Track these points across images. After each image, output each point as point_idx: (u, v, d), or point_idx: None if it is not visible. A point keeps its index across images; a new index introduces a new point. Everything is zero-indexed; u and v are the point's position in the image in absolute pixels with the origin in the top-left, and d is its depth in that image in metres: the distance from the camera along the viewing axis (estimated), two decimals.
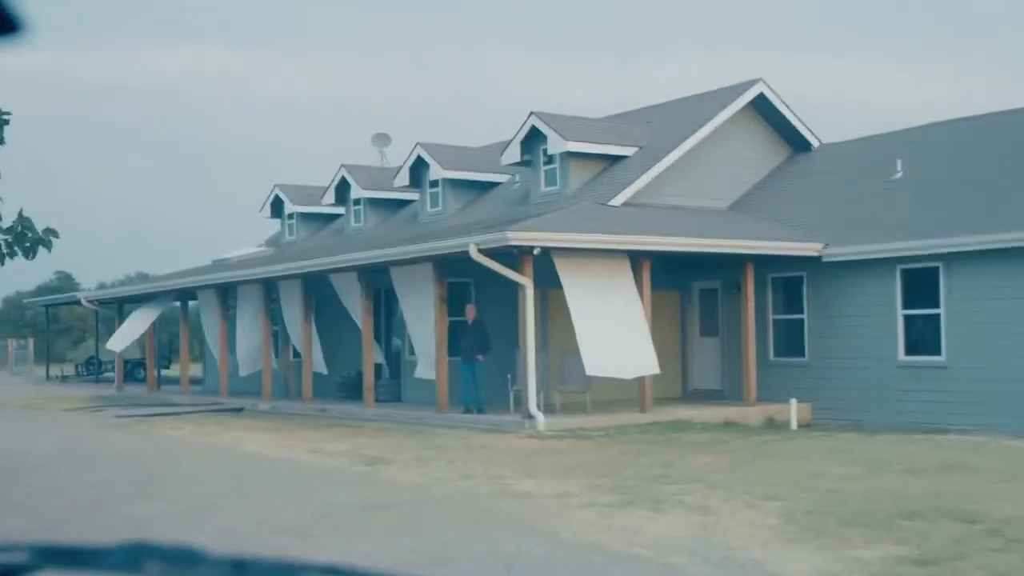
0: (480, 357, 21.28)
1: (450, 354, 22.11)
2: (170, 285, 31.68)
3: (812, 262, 22.14)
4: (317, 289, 26.54)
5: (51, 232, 12.75)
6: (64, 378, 47.22)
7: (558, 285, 20.00)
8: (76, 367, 49.66)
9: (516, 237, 18.48)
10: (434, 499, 12.10)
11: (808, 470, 13.85)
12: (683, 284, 25.47)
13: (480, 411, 21.01)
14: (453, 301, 23.01)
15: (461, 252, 19.23)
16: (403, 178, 29.81)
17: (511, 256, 19.36)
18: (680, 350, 25.51)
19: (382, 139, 37.98)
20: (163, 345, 42.17)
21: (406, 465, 15.00)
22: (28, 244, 12.66)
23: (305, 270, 24.69)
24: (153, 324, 33.73)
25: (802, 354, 22.85)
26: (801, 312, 22.91)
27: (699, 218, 23.48)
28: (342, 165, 32.32)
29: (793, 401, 20.78)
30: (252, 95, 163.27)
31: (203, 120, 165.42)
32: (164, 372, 39.92)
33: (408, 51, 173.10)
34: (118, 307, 35.75)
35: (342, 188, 32.43)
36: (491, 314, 23.01)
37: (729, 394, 23.83)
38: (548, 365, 21.93)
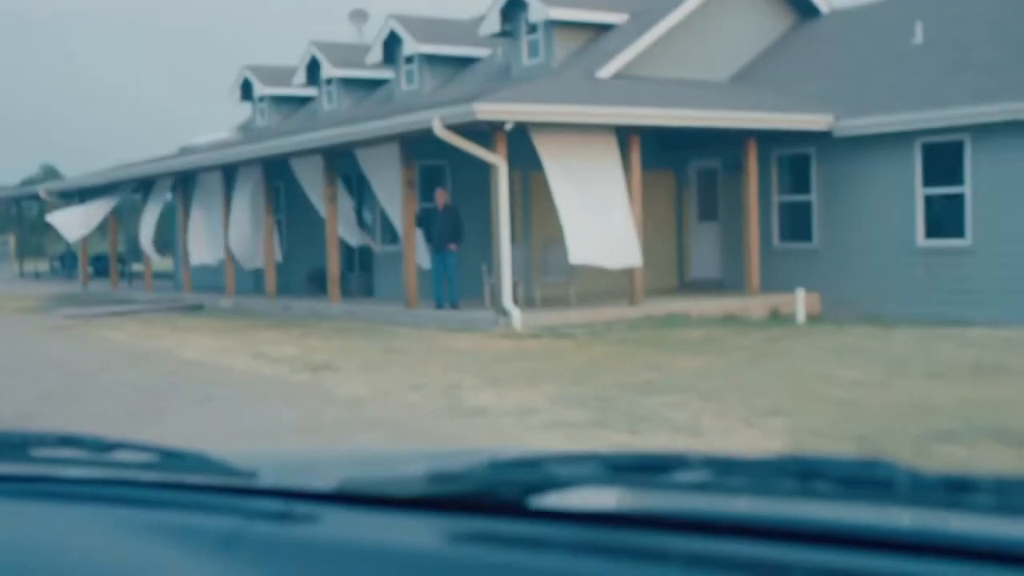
0: (452, 247, 19.18)
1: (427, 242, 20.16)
2: (126, 174, 29.39)
3: (821, 137, 19.84)
4: (283, 176, 24.33)
5: None
6: (38, 275, 45.32)
7: (542, 168, 17.87)
8: (51, 263, 47.72)
9: (484, 110, 16.23)
10: (369, 419, 10.12)
11: (817, 374, 11.86)
12: (679, 163, 23.25)
13: (453, 306, 19.00)
14: (427, 186, 20.92)
15: (425, 129, 17.00)
16: (376, 54, 27.42)
17: (484, 134, 17.15)
18: (676, 236, 23.40)
19: (359, 15, 35.44)
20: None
21: (353, 373, 13.02)
22: None
23: (262, 154, 22.42)
24: (113, 215, 31.61)
25: (810, 239, 20.67)
26: (809, 193, 20.66)
27: (696, 91, 21.15)
28: (312, 42, 29.88)
29: (800, 291, 18.68)
30: None
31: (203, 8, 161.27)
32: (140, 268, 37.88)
33: None
34: (80, 199, 33.61)
35: (313, 68, 30.04)
36: (469, 201, 20.93)
37: (730, 284, 21.80)
38: (530, 256, 19.88)
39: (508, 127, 16.58)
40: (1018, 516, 1.09)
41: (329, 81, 29.80)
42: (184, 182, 27.29)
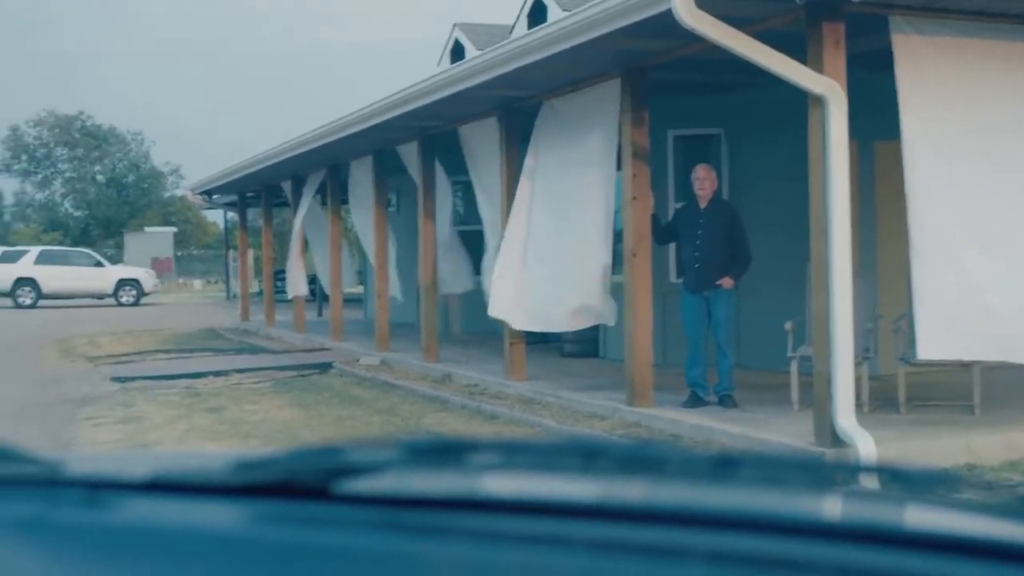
0: (726, 282, 9.60)
1: (678, 276, 10.84)
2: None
3: None
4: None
5: None
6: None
7: (893, 133, 8.14)
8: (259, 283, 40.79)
9: None
10: None
11: None
12: None
13: (724, 402, 9.45)
14: (680, 175, 11.57)
15: (656, 14, 7.54)
16: None
17: (794, 39, 7.57)
18: None
19: None
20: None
21: None
22: None
23: (394, 112, 13.05)
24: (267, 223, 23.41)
25: None
26: None
27: None
28: None
29: None
30: None
31: None
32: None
33: None
34: (241, 202, 25.86)
35: (537, 13, 21.09)
36: (757, 196, 11.48)
37: None
38: (876, 300, 10.02)
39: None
40: (774, 488, 1.22)
41: None
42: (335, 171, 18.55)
